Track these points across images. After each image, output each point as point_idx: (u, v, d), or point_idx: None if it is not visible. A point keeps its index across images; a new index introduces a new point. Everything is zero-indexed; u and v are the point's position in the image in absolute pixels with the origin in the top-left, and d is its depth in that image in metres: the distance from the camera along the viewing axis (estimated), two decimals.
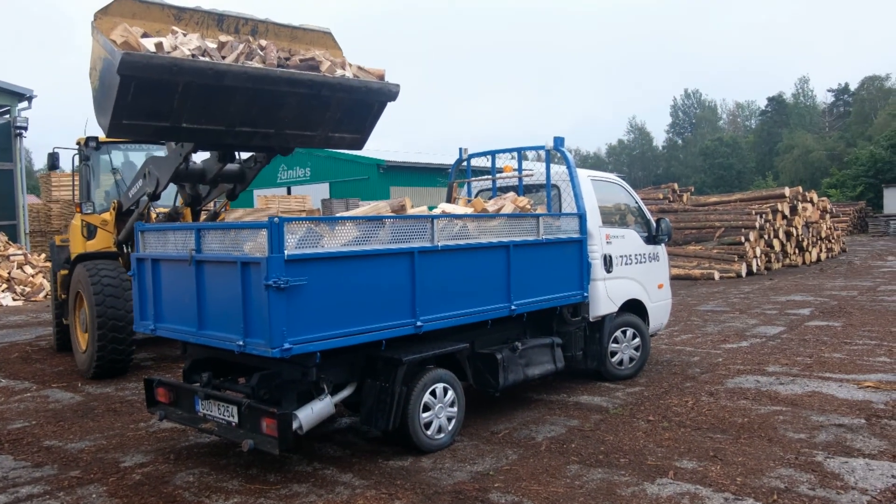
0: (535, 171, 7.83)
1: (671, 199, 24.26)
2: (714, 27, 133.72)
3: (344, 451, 5.73)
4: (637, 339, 7.85)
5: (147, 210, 8.74)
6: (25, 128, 25.39)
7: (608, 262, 7.52)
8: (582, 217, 7.12)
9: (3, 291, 18.39)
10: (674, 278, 15.51)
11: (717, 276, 18.46)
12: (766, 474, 4.89)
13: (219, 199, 8.88)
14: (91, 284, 8.47)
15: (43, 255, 20.84)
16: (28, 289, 18.98)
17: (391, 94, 6.92)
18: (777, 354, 8.91)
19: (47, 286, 18.68)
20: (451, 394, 5.78)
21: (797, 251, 21.71)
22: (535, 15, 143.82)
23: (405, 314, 5.39)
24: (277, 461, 5.46)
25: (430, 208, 6.75)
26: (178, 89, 5.81)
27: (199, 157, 7.66)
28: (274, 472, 5.28)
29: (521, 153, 7.82)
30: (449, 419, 5.74)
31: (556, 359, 6.92)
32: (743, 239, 19.41)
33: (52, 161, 10.35)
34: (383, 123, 6.87)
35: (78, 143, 10.02)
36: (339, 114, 6.84)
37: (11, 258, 19.70)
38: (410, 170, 34.63)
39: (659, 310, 8.37)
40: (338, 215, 6.11)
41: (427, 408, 5.56)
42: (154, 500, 4.82)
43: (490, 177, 8.02)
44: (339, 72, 6.58)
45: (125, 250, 9.06)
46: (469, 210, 6.76)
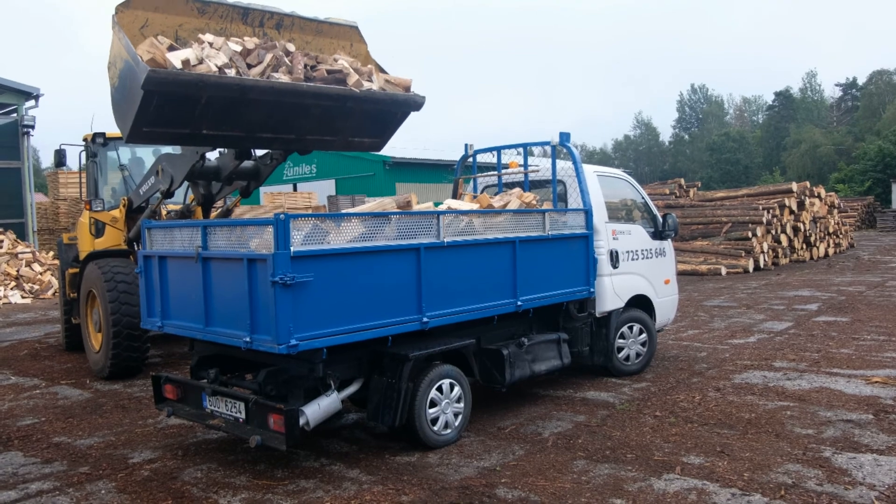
0: (541, 166, 7.81)
1: (678, 194, 24.19)
2: (721, 22, 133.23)
3: (351, 447, 5.74)
4: (644, 335, 7.83)
5: (158, 207, 8.66)
6: (32, 126, 25.49)
7: (614, 258, 7.51)
8: (588, 213, 7.11)
9: (11, 289, 18.50)
10: (680, 274, 15.48)
11: (723, 271, 18.40)
12: (773, 470, 4.88)
13: (230, 195, 8.85)
14: (104, 283, 8.34)
15: (51, 253, 20.95)
16: (36, 286, 19.09)
17: (416, 104, 6.88)
18: (784, 350, 8.88)
19: (55, 284, 18.78)
20: (457, 390, 5.78)
21: (804, 246, 21.61)
22: (538, 12, 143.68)
23: (411, 310, 5.40)
24: (285, 457, 5.48)
25: (436, 204, 6.75)
26: (202, 101, 5.75)
27: (214, 153, 7.63)
28: (281, 468, 5.30)
29: (526, 149, 7.81)
30: (455, 415, 5.75)
31: (563, 354, 6.92)
32: (750, 234, 19.33)
33: (59, 158, 10.15)
34: None
35: (85, 140, 9.88)
36: (361, 121, 6.82)
37: (20, 256, 19.81)
38: (416, 166, 34.63)
39: (665, 305, 8.35)
40: (344, 212, 6.11)
41: (433, 404, 5.57)
42: (162, 496, 4.85)
43: (496, 173, 8.01)
44: (366, 84, 6.45)
45: (136, 248, 8.96)
46: (475, 206, 6.76)
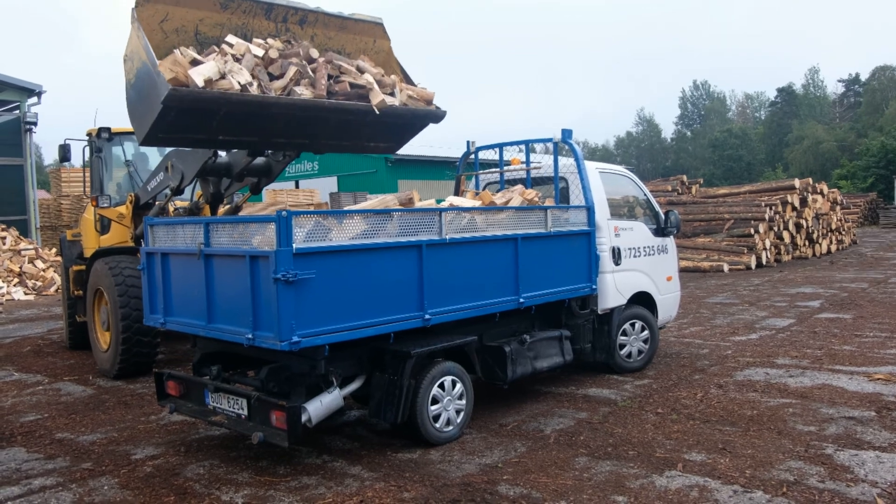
0: (543, 163, 7.81)
1: (680, 191, 24.13)
2: (723, 18, 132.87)
3: (353, 444, 5.75)
4: (646, 332, 7.83)
5: (166, 204, 8.58)
6: (35, 123, 25.52)
7: (617, 255, 7.50)
8: (590, 209, 7.10)
9: (14, 286, 18.55)
10: (683, 270, 15.45)
11: (726, 268, 18.39)
12: (775, 467, 4.88)
13: (237, 192, 8.79)
14: (113, 281, 8.23)
15: (54, 250, 20.98)
16: (39, 283, 19.14)
17: (436, 118, 6.86)
18: (787, 347, 8.87)
19: (58, 280, 18.79)
20: (459, 386, 5.79)
21: (807, 243, 21.57)
22: (538, 9, 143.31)
23: (413, 307, 5.40)
24: (287, 454, 5.50)
25: (439, 201, 6.74)
26: (220, 114, 5.74)
27: None
28: (284, 465, 5.31)
29: (528, 146, 7.80)
30: (457, 412, 5.76)
31: (565, 351, 6.92)
32: (752, 231, 19.31)
33: (64, 153, 9.91)
34: None
35: (89, 135, 9.69)
36: (379, 130, 6.84)
37: (23, 253, 19.86)
38: (418, 163, 34.61)
39: (668, 302, 8.35)
40: (346, 209, 6.11)
41: (435, 400, 5.58)
42: (165, 492, 4.86)
43: (498, 170, 8.01)
44: (389, 100, 6.37)
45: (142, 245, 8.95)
46: (477, 203, 6.75)
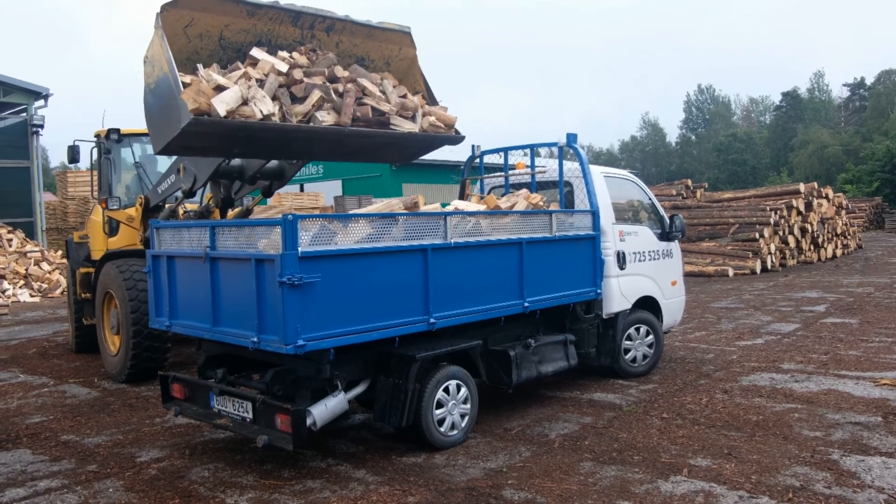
0: (548, 167, 7.81)
1: (685, 195, 24.10)
2: (727, 22, 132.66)
3: (357, 448, 5.75)
4: (650, 337, 7.82)
5: (176, 207, 8.53)
6: (42, 125, 25.67)
7: (621, 259, 7.49)
8: (595, 214, 7.10)
9: (20, 288, 18.61)
10: (687, 275, 15.43)
11: (731, 272, 18.35)
12: (781, 472, 4.87)
13: (248, 195, 8.77)
14: (124, 280, 8.15)
15: (59, 252, 21.04)
16: (45, 285, 19.19)
17: (454, 142, 6.82)
18: (792, 352, 8.85)
19: (64, 283, 18.85)
20: (464, 391, 5.79)
21: (812, 247, 21.50)
22: (540, 11, 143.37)
23: (418, 311, 5.40)
24: (291, 457, 5.50)
25: (443, 205, 6.75)
26: (239, 137, 5.76)
27: None
28: (288, 468, 5.31)
29: (533, 150, 7.80)
30: (462, 416, 5.75)
31: (570, 356, 6.91)
32: (757, 235, 19.26)
33: (73, 154, 9.76)
34: None
35: (97, 136, 9.59)
36: (395, 150, 6.88)
37: (28, 255, 19.92)
38: (423, 167, 34.56)
39: (672, 307, 8.33)
40: (351, 212, 6.11)
41: (440, 404, 5.57)
42: (170, 495, 4.87)
43: (503, 174, 8.01)
44: (409, 126, 6.33)
45: None
46: (482, 207, 6.76)
